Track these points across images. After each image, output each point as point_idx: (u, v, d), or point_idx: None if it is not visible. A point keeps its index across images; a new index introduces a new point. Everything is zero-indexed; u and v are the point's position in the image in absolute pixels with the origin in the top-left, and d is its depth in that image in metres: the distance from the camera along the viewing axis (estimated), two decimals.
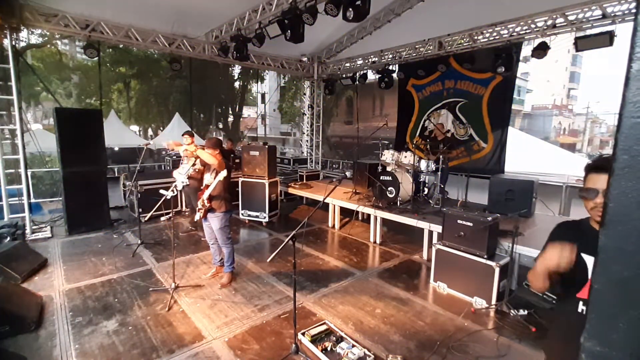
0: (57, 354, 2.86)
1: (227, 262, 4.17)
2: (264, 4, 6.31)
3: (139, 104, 22.12)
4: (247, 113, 30.40)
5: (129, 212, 7.37)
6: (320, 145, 11.41)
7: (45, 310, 3.49)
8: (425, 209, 5.54)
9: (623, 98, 0.50)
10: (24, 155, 5.74)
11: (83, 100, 21.18)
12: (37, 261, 4.52)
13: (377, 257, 5.33)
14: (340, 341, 2.96)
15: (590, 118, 39.82)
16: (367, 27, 8.16)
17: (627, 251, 0.52)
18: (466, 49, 7.23)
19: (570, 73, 42.88)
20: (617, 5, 5.32)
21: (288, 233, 2.94)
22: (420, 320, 3.47)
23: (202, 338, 3.09)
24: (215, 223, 3.99)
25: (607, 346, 0.54)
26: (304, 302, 3.75)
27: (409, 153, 6.18)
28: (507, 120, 7.21)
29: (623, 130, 0.50)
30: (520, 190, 5.17)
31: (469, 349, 3.00)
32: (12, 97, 5.59)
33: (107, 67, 18.48)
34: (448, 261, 4.08)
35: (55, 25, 6.25)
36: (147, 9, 6.53)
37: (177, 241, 5.45)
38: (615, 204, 0.52)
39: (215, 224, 3.99)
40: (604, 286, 0.54)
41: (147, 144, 6.15)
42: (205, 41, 8.00)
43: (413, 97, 8.68)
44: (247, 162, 6.87)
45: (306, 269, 4.68)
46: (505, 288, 3.77)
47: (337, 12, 5.11)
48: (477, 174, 6.61)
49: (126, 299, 3.76)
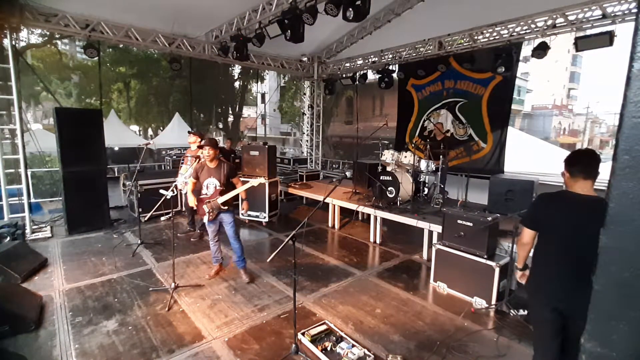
0: (57, 353, 2.86)
1: (240, 257, 4.24)
2: (264, 3, 6.30)
3: (139, 104, 22.10)
4: (247, 113, 30.37)
5: (129, 212, 7.36)
6: (320, 145, 11.41)
7: (45, 310, 3.49)
8: (425, 209, 5.53)
9: (624, 98, 0.49)
10: (24, 155, 5.74)
11: (83, 100, 21.16)
12: (37, 261, 4.51)
13: (377, 257, 5.33)
14: (340, 341, 2.96)
15: (590, 118, 39.83)
16: (367, 27, 8.16)
17: (627, 252, 0.51)
18: (466, 49, 7.22)
19: (570, 73, 42.85)
20: (617, 5, 5.32)
21: (288, 233, 2.94)
22: (420, 320, 3.47)
23: (202, 338, 3.09)
24: (228, 218, 4.09)
25: (607, 347, 0.54)
26: (304, 302, 3.75)
27: (408, 153, 6.18)
28: (507, 120, 7.19)
29: (624, 130, 0.50)
30: (520, 190, 5.16)
31: (469, 349, 3.00)
32: (12, 97, 5.59)
33: (107, 67, 18.48)
34: (448, 261, 4.08)
35: (55, 25, 6.24)
36: (147, 9, 6.53)
37: (177, 241, 5.45)
38: (615, 205, 0.52)
39: (228, 218, 4.09)
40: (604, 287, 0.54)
41: (147, 144, 6.13)
42: (205, 41, 8.00)
43: (413, 97, 8.68)
44: (247, 162, 6.86)
45: (306, 269, 4.67)
46: (505, 288, 3.77)
47: (337, 12, 5.10)
48: (476, 174, 6.60)
49: (126, 299, 3.75)
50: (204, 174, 4.04)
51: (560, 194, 2.16)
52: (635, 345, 0.53)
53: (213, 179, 4.00)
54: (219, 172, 4.00)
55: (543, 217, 2.17)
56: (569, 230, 2.02)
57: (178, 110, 18.22)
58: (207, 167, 4.04)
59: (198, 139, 5.61)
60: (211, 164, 4.02)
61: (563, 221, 2.06)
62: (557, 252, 2.08)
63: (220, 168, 4.03)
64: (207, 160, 4.01)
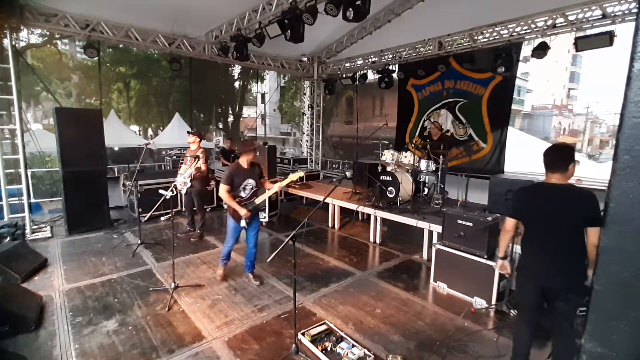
0: (57, 353, 2.86)
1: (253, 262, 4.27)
2: (264, 4, 6.30)
3: (139, 104, 22.09)
4: (247, 113, 30.35)
5: (128, 212, 7.36)
6: (320, 145, 11.41)
7: (45, 310, 3.49)
8: (425, 209, 5.53)
9: (625, 98, 0.49)
10: (24, 155, 5.74)
11: (83, 100, 21.17)
12: (37, 261, 4.51)
13: (377, 257, 5.33)
14: (340, 341, 2.96)
15: (590, 118, 39.83)
16: (367, 27, 8.16)
17: (628, 252, 0.51)
18: (466, 49, 7.23)
19: (570, 73, 42.86)
20: (617, 5, 5.32)
21: (288, 233, 2.94)
22: (420, 320, 3.47)
23: (202, 338, 3.09)
24: (256, 222, 4.12)
25: (607, 347, 0.54)
26: (304, 302, 3.75)
27: (408, 153, 6.17)
28: (507, 120, 7.19)
29: (624, 130, 0.50)
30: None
31: (469, 349, 3.00)
32: (12, 97, 5.58)
33: (107, 67, 18.47)
34: (448, 261, 4.08)
35: (55, 25, 6.24)
36: (147, 9, 6.53)
37: (176, 241, 5.45)
38: (616, 205, 0.52)
39: (256, 223, 4.12)
40: (605, 287, 0.54)
41: (147, 144, 6.13)
42: (205, 41, 8.00)
43: (413, 97, 8.67)
44: None
45: (306, 269, 4.67)
46: (505, 288, 3.77)
47: (337, 12, 5.10)
48: (476, 174, 6.59)
49: (126, 299, 3.75)
50: (240, 176, 3.90)
51: (535, 185, 2.49)
52: (635, 345, 0.53)
53: (251, 180, 3.96)
54: (254, 173, 3.98)
55: (521, 206, 2.49)
56: (542, 216, 2.31)
57: (178, 110, 18.21)
58: (243, 169, 3.94)
59: (197, 139, 5.61)
60: (246, 165, 3.96)
61: (537, 208, 2.36)
62: (535, 236, 2.39)
63: (254, 169, 4.01)
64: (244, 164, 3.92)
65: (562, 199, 2.25)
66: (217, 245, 5.56)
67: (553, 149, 2.38)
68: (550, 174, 2.32)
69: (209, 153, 10.06)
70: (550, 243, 2.29)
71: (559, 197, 2.25)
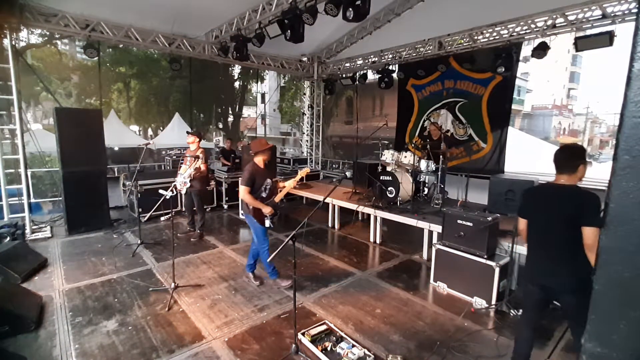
0: (57, 354, 2.86)
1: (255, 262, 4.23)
2: (264, 4, 6.30)
3: (139, 104, 22.10)
4: (247, 113, 30.36)
5: (128, 212, 7.36)
6: (320, 145, 11.41)
7: (45, 310, 3.49)
8: (425, 209, 5.53)
9: (625, 98, 0.49)
10: (23, 155, 5.74)
11: (83, 100, 21.17)
12: (37, 261, 4.51)
13: (377, 257, 5.33)
14: (340, 341, 2.96)
15: (590, 118, 39.84)
16: (367, 27, 8.16)
17: (627, 252, 0.51)
18: (466, 49, 7.22)
19: (570, 73, 42.86)
20: (617, 5, 5.32)
21: (288, 233, 2.93)
22: (420, 320, 3.47)
23: (202, 338, 3.09)
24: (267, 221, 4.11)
25: (607, 347, 0.54)
26: (304, 302, 3.75)
27: (408, 153, 6.17)
28: (507, 120, 7.19)
29: (624, 130, 0.50)
30: (520, 190, 5.13)
31: (469, 349, 3.00)
32: (12, 97, 5.59)
33: (107, 67, 18.46)
34: (448, 261, 4.08)
35: (55, 25, 6.24)
36: (147, 9, 6.52)
37: (176, 241, 5.45)
38: (616, 205, 0.52)
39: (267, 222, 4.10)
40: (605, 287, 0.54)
41: (147, 144, 6.12)
42: (205, 41, 8.00)
43: (412, 97, 8.67)
44: (247, 162, 6.84)
45: (306, 269, 4.67)
46: (505, 288, 3.77)
47: (337, 12, 5.11)
48: (476, 174, 6.60)
49: (126, 299, 3.75)
50: (260, 177, 3.91)
51: (541, 186, 2.56)
52: (635, 345, 0.53)
53: (269, 179, 4.00)
54: (269, 172, 4.07)
55: (526, 206, 2.52)
56: (542, 216, 2.34)
57: (178, 110, 18.20)
58: (261, 170, 3.96)
59: (197, 139, 5.62)
60: (262, 165, 3.98)
61: (538, 208, 2.40)
62: (537, 235, 2.41)
63: (268, 168, 4.11)
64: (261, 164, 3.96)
65: (562, 198, 2.25)
66: (217, 245, 5.57)
67: (562, 149, 2.35)
68: (558, 175, 2.31)
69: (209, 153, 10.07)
70: (549, 242, 2.30)
71: (559, 197, 2.26)
